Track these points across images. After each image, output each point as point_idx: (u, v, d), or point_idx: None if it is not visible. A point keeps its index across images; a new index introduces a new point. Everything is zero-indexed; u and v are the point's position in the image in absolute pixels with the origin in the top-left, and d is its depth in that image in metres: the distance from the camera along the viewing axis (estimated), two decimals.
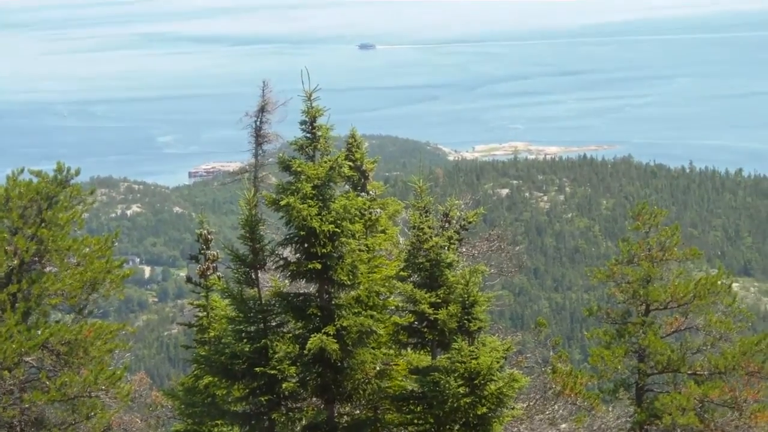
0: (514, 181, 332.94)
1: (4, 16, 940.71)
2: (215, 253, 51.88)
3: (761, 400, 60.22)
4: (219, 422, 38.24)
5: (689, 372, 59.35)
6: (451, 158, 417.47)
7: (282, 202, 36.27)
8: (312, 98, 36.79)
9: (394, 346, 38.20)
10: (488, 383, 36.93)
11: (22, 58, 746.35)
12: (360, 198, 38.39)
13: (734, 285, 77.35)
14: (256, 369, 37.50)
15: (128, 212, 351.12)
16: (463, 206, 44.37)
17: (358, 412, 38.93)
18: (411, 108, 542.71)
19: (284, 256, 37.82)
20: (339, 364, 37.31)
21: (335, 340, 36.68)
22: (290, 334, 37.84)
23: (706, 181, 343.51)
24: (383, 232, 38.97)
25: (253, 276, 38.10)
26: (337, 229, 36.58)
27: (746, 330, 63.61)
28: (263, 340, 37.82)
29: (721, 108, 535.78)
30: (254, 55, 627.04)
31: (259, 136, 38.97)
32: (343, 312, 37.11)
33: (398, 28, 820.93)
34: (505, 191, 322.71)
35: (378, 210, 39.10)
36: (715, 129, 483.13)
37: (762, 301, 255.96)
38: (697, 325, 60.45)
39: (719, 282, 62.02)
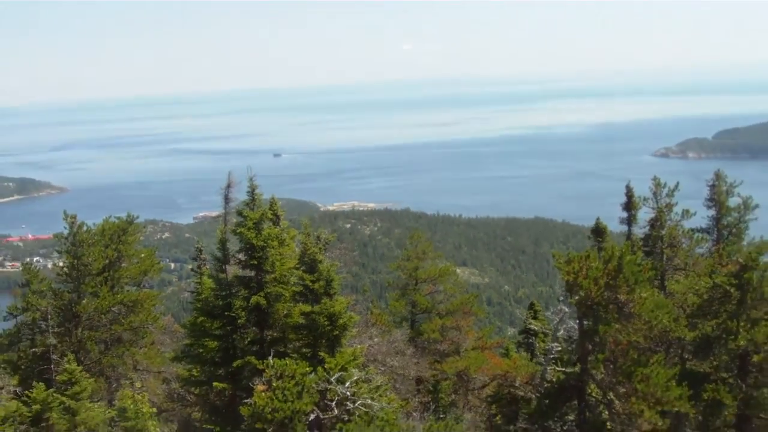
0: (353, 220, 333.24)
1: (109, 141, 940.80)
2: (205, 257, 51.45)
3: (470, 326, 60.53)
4: (207, 339, 37.76)
5: (436, 312, 59.38)
6: (321, 209, 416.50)
7: (238, 231, 36.78)
8: (252, 180, 37.06)
9: (293, 302, 37.99)
10: (339, 319, 36.85)
11: (104, 164, 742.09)
12: (276, 229, 38.35)
13: (458, 270, 77.63)
14: (225, 312, 37.40)
15: (163, 236, 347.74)
16: (326, 232, 44.20)
17: (275, 334, 38.65)
18: (303, 185, 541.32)
19: (239, 257, 37.65)
20: (266, 310, 37.43)
21: (264, 299, 36.76)
22: (242, 296, 37.65)
23: (446, 220, 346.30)
24: (288, 245, 38.77)
25: (224, 267, 37.99)
26: (265, 244, 36.77)
27: (463, 292, 63.85)
28: (228, 299, 37.76)
29: (455, 185, 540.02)
30: (223, 159, 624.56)
31: (227, 199, 38.75)
32: (268, 285, 37.31)
33: (296, 143, 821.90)
34: (348, 225, 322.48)
35: (285, 234, 38.89)
36: (452, 195, 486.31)
37: (470, 278, 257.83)
38: (440, 289, 60.49)
39: (451, 269, 62.27)
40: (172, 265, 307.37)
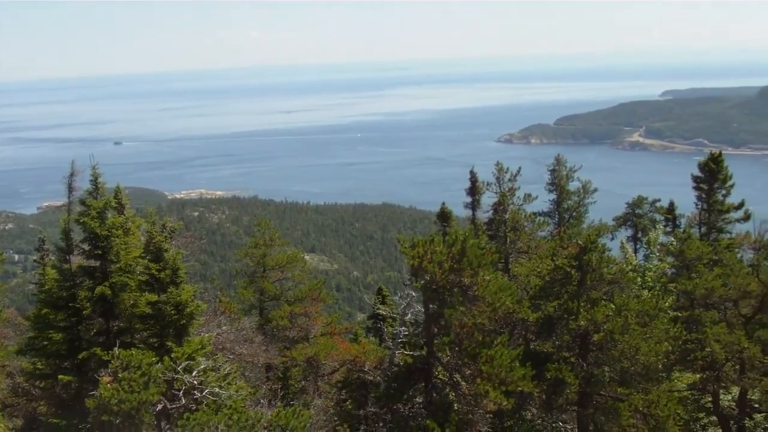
0: (201, 208, 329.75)
1: None
2: (49, 247, 50.27)
3: (319, 312, 60.49)
4: (51, 331, 36.90)
5: (285, 299, 59.23)
6: (169, 197, 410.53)
7: (81, 220, 35.89)
8: (95, 169, 36.34)
9: (139, 291, 37.46)
10: (186, 308, 36.52)
11: None
12: (121, 218, 37.71)
13: (306, 257, 77.91)
14: (70, 303, 36.68)
15: (6, 228, 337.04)
16: (172, 220, 43.67)
17: (122, 324, 38.02)
18: (150, 173, 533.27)
19: (83, 247, 37.00)
20: (112, 301, 36.74)
21: (110, 289, 36.16)
22: (86, 286, 36.94)
23: (294, 207, 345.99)
24: (133, 234, 38.16)
25: (68, 258, 37.24)
26: (109, 233, 36.13)
27: (312, 278, 63.91)
28: (72, 290, 36.95)
29: (304, 172, 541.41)
30: (66, 148, 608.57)
31: (71, 188, 37.94)
32: (114, 275, 36.60)
33: (140, 131, 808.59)
34: (196, 213, 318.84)
35: (130, 224, 38.28)
36: (300, 182, 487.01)
37: (319, 265, 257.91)
38: (288, 276, 60.37)
39: (299, 255, 62.23)
40: (16, 256, 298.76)
